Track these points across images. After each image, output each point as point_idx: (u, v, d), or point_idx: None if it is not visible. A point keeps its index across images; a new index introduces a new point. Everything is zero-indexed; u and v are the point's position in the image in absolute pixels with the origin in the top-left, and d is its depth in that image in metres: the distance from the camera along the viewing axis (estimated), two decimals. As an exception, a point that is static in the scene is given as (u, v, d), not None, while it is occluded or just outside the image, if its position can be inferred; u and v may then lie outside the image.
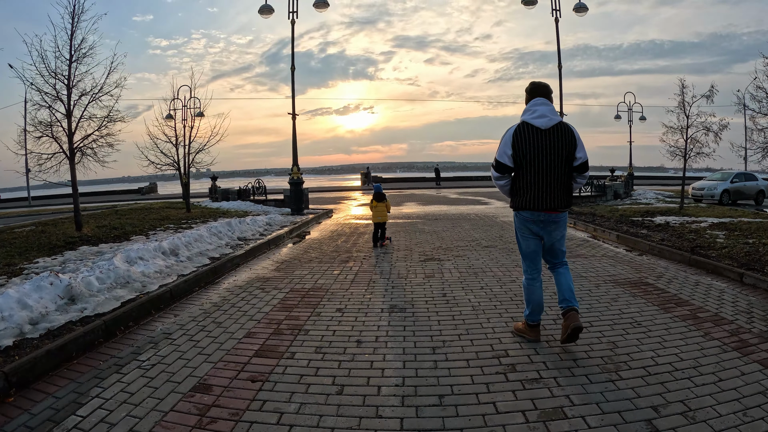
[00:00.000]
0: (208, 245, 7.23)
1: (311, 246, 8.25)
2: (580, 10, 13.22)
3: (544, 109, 3.35)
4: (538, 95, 3.42)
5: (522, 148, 3.29)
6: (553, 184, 3.33)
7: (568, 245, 7.88)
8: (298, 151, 13.26)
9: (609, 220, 10.69)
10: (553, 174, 3.32)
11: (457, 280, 5.51)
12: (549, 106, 3.39)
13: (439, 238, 8.74)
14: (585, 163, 3.39)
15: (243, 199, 16.41)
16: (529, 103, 3.43)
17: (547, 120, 3.30)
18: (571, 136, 3.33)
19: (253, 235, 8.63)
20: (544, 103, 3.38)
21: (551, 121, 3.31)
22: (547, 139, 3.28)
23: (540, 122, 3.29)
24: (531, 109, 3.37)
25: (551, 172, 3.31)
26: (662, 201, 16.70)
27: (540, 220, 3.40)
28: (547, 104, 3.39)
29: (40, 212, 21.87)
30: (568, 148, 3.31)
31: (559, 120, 3.36)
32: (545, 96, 3.43)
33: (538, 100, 3.40)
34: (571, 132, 3.34)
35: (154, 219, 11.35)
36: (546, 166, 3.30)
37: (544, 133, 3.28)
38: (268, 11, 12.43)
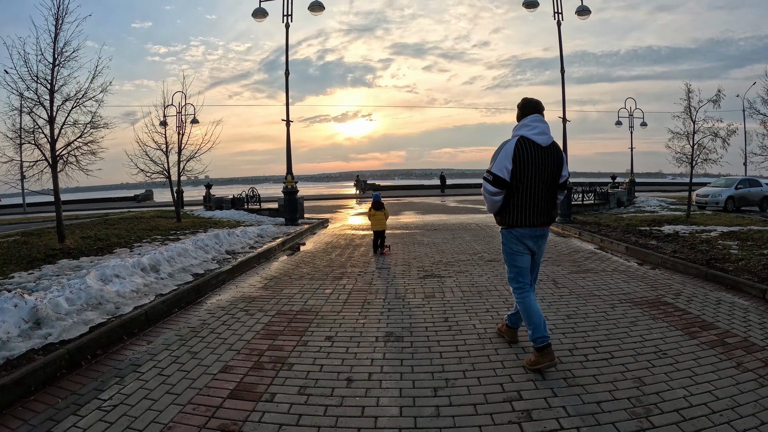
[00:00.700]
0: (193, 260, 6.77)
1: (303, 260, 7.80)
2: (583, 13, 12.84)
3: (544, 126, 3.34)
4: (534, 112, 3.40)
5: (523, 164, 3.24)
6: (547, 200, 3.36)
7: (576, 258, 7.51)
8: (294, 159, 12.86)
9: (616, 230, 10.34)
10: (548, 191, 3.35)
11: (459, 301, 5.05)
12: (546, 124, 3.38)
13: (439, 251, 8.29)
14: (566, 180, 3.47)
15: (237, 208, 15.96)
16: (527, 118, 3.37)
17: (547, 138, 3.32)
18: (561, 155, 3.39)
19: (242, 248, 8.17)
20: (543, 121, 3.37)
21: (549, 139, 3.33)
22: (545, 156, 3.29)
23: (541, 139, 3.28)
24: (531, 125, 3.33)
25: (546, 188, 3.33)
26: (667, 208, 16.34)
27: (536, 235, 3.41)
28: (544, 121, 3.38)
29: (31, 220, 21.38)
30: (559, 164, 3.36)
31: (553, 138, 3.39)
32: (540, 113, 3.41)
33: (536, 117, 3.37)
34: (560, 150, 3.40)
35: (142, 230, 10.90)
36: (542, 183, 3.30)
37: (544, 151, 3.29)
38: (262, 15, 12.03)
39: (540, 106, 3.43)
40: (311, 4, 11.84)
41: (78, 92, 8.39)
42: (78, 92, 8.39)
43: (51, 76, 8.30)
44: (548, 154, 3.29)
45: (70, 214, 25.81)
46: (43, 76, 8.30)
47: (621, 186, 22.64)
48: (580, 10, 12.77)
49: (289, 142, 12.29)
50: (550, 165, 3.30)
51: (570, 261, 7.31)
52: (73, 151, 8.53)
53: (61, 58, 8.36)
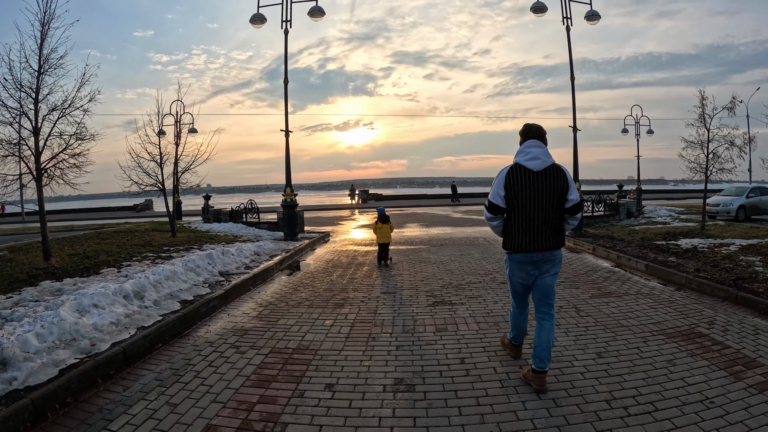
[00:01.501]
0: (182, 284, 6.25)
1: (302, 282, 7.26)
2: (592, 18, 12.37)
3: (537, 151, 3.35)
4: (532, 137, 3.43)
5: (515, 190, 3.30)
6: (545, 225, 3.33)
7: (594, 278, 7.01)
8: (296, 168, 12.41)
9: (631, 245, 9.90)
10: (545, 215, 3.32)
11: (475, 336, 4.52)
12: (542, 149, 3.37)
13: (448, 271, 7.76)
14: (577, 204, 3.38)
15: (235, 220, 15.43)
16: (523, 144, 3.43)
17: (540, 162, 3.31)
18: (563, 178, 3.33)
19: (237, 267, 7.64)
20: (538, 146, 3.38)
21: (544, 164, 3.31)
22: (540, 181, 3.28)
23: (533, 164, 3.30)
24: (524, 150, 3.38)
25: (543, 213, 3.32)
26: (678, 219, 15.87)
27: (535, 260, 3.39)
28: (540, 146, 3.38)
29: (27, 231, 20.90)
30: (560, 190, 3.31)
31: (551, 162, 3.35)
32: (539, 138, 3.42)
33: (531, 142, 3.39)
34: (563, 174, 3.34)
35: (135, 245, 10.41)
36: (538, 208, 3.30)
37: (537, 175, 3.29)
38: (260, 21, 11.56)
39: (538, 132, 3.45)
40: (311, 9, 11.40)
41: (65, 101, 7.92)
42: (65, 101, 7.92)
43: (36, 84, 7.86)
44: (543, 179, 3.29)
45: (66, 224, 25.40)
46: (28, 85, 7.86)
47: (629, 195, 22.14)
48: (590, 15, 12.33)
49: (288, 153, 11.79)
50: (547, 189, 3.29)
51: (589, 282, 6.80)
52: (58, 164, 8.06)
53: (47, 65, 7.91)
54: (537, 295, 3.51)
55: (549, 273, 3.44)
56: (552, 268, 3.44)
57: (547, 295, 3.47)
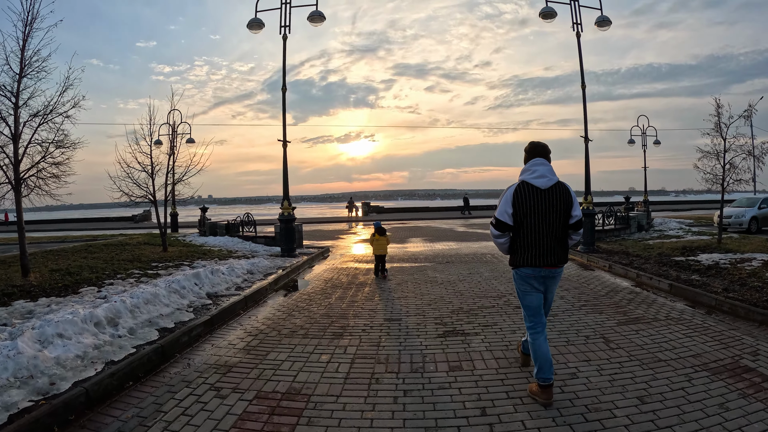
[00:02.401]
0: (164, 308, 5.63)
1: (298, 305, 6.61)
2: (603, 24, 11.86)
3: (543, 169, 3.41)
4: (538, 155, 3.48)
5: (523, 207, 3.35)
6: (552, 241, 3.39)
7: (617, 301, 6.51)
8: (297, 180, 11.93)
9: (649, 261, 9.39)
10: (551, 232, 3.38)
11: (495, 377, 3.88)
12: (548, 166, 3.45)
13: (457, 293, 7.12)
14: (580, 220, 3.47)
15: (231, 234, 14.81)
16: (529, 162, 3.49)
17: (547, 180, 3.37)
18: (567, 196, 3.41)
19: (227, 288, 7.01)
20: (543, 164, 3.44)
21: (550, 181, 3.38)
22: (546, 199, 3.35)
23: (540, 182, 3.36)
24: (531, 168, 3.43)
25: (550, 230, 3.37)
26: (690, 232, 15.30)
27: (541, 275, 3.44)
28: (546, 164, 3.45)
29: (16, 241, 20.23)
30: (565, 206, 3.38)
31: (557, 180, 3.42)
32: (544, 156, 3.49)
33: (537, 161, 3.46)
34: (567, 191, 3.42)
35: (123, 260, 9.80)
36: (545, 225, 3.36)
37: (544, 193, 3.35)
38: (258, 26, 11.02)
39: (544, 150, 3.51)
40: (311, 14, 10.88)
41: (46, 106, 7.37)
42: (46, 106, 7.37)
43: (16, 88, 7.32)
44: (549, 197, 3.35)
45: (62, 234, 24.78)
46: (8, 88, 7.33)
47: (636, 207, 21.51)
48: (600, 20, 11.84)
49: (286, 165, 11.20)
50: (553, 207, 3.35)
51: (612, 306, 6.20)
52: (38, 173, 7.49)
53: (29, 68, 7.38)
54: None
55: (552, 291, 3.58)
56: (554, 285, 3.56)
57: (546, 308, 3.63)
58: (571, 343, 4.68)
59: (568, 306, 6.20)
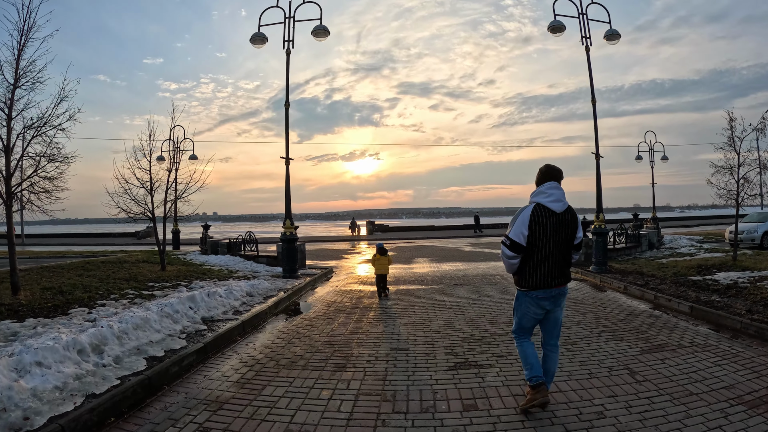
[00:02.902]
0: (154, 334, 5.26)
1: (299, 331, 6.21)
2: (612, 38, 11.60)
3: (558, 193, 3.46)
4: (552, 179, 3.51)
5: (539, 230, 3.37)
6: (562, 262, 3.46)
7: (637, 325, 6.13)
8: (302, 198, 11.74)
9: (665, 282, 9.01)
10: (562, 254, 3.45)
11: (515, 417, 3.46)
12: (561, 190, 3.50)
13: (467, 319, 6.71)
14: (581, 241, 3.60)
15: (233, 253, 14.45)
16: (544, 185, 3.50)
17: (562, 204, 3.43)
18: (575, 219, 3.50)
19: (224, 312, 6.62)
20: (558, 188, 3.49)
21: (564, 206, 3.44)
22: (561, 222, 3.41)
23: (556, 206, 3.41)
24: (546, 192, 3.46)
25: (561, 251, 3.44)
26: (702, 249, 14.84)
27: (552, 296, 3.47)
28: (559, 188, 3.50)
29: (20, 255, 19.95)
30: (574, 229, 3.47)
31: (568, 204, 3.50)
32: (557, 180, 3.53)
33: (552, 184, 3.48)
34: (575, 215, 3.50)
35: (119, 279, 9.47)
36: (557, 247, 3.41)
37: (559, 217, 3.40)
38: (261, 41, 10.81)
39: (558, 174, 3.55)
40: (315, 29, 10.68)
41: (40, 118, 7.12)
42: (40, 118, 7.12)
43: (10, 98, 7.09)
44: (563, 220, 3.42)
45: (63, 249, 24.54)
46: (1, 99, 7.10)
47: (645, 224, 21.09)
48: (609, 34, 11.61)
49: (288, 183, 10.89)
50: (564, 230, 3.42)
51: (632, 331, 5.82)
52: (30, 187, 7.22)
53: (24, 78, 7.16)
54: (547, 328, 3.64)
55: (561, 306, 3.59)
56: (563, 300, 3.58)
57: (556, 327, 3.64)
58: (593, 376, 4.29)
59: (587, 333, 5.80)
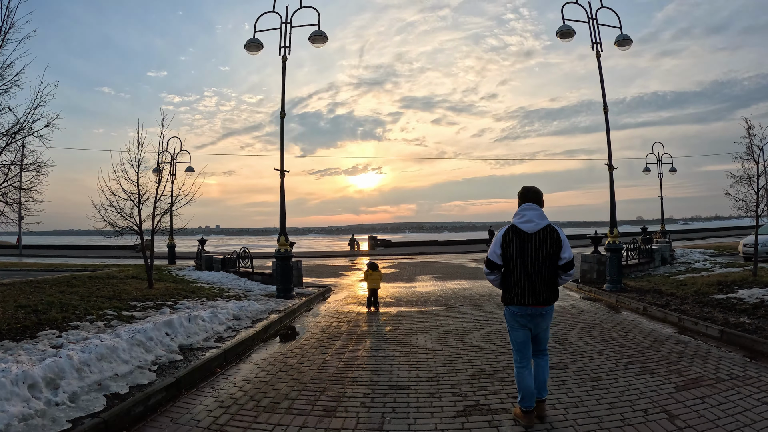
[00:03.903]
0: (122, 366, 4.62)
1: (286, 362, 5.53)
2: (624, 43, 11.08)
3: (531, 214, 3.60)
4: (528, 200, 3.66)
5: (510, 249, 3.56)
6: (539, 282, 3.55)
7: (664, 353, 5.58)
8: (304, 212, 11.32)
9: (686, 301, 8.37)
10: (537, 273, 3.54)
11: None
12: (537, 211, 3.62)
13: (476, 348, 6.02)
14: (569, 262, 3.61)
15: (227, 269, 13.82)
16: (520, 207, 3.68)
17: (534, 225, 3.55)
18: (556, 239, 3.57)
19: (206, 339, 5.97)
20: (533, 209, 3.62)
21: (537, 226, 3.55)
22: (533, 242, 3.53)
23: (526, 227, 3.56)
24: (520, 213, 3.63)
25: (536, 271, 3.54)
26: (717, 263, 14.10)
27: (528, 313, 3.59)
28: (535, 209, 3.62)
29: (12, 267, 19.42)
30: (553, 249, 3.55)
31: (545, 224, 3.58)
32: (535, 201, 3.66)
33: (527, 205, 3.64)
34: (557, 234, 3.57)
35: (102, 297, 8.85)
36: (531, 266, 3.53)
37: (530, 237, 3.54)
38: (256, 47, 10.34)
39: (534, 195, 3.66)
40: (312, 34, 10.19)
41: (15, 124, 6.60)
42: (15, 124, 6.60)
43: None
44: (536, 241, 3.52)
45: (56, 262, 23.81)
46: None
47: (655, 238, 20.40)
48: (620, 40, 11.10)
49: (283, 197, 10.31)
50: (539, 250, 3.52)
51: (661, 362, 5.18)
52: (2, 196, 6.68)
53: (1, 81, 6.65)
54: (533, 345, 3.74)
55: (542, 328, 3.68)
56: (544, 323, 3.66)
57: (540, 342, 3.75)
58: (627, 423, 3.64)
59: (611, 365, 5.14)
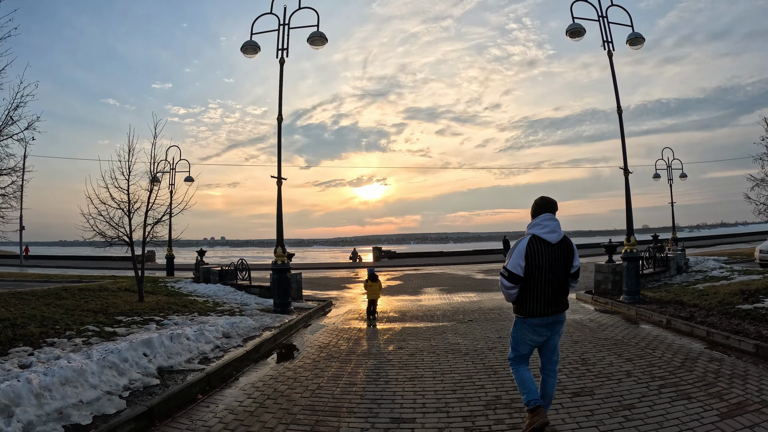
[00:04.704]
0: (89, 391, 4.06)
1: (276, 388, 4.93)
2: (635, 42, 10.61)
3: (553, 224, 3.56)
4: (547, 210, 3.62)
5: (535, 261, 3.46)
6: (558, 291, 3.53)
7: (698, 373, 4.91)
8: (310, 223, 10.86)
9: (712, 313, 7.79)
10: (558, 282, 3.52)
11: None
12: (556, 221, 3.60)
13: (489, 371, 5.40)
14: (579, 269, 3.64)
15: (224, 281, 13.27)
16: (539, 217, 3.60)
17: (557, 235, 3.53)
18: (571, 248, 3.58)
19: (190, 360, 5.38)
20: (553, 219, 3.59)
21: (559, 236, 3.54)
22: (556, 253, 3.50)
23: (551, 237, 3.51)
24: (541, 224, 3.56)
25: (557, 281, 3.51)
26: (734, 271, 13.35)
27: (548, 323, 3.54)
28: (554, 219, 3.60)
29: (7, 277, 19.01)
30: (570, 258, 3.55)
31: (563, 234, 3.59)
32: (552, 211, 3.62)
33: (547, 216, 3.59)
34: (571, 244, 3.59)
35: (87, 311, 8.32)
36: (554, 276, 3.49)
37: (554, 248, 3.50)
38: (253, 50, 9.89)
39: (552, 205, 3.65)
40: (311, 36, 9.74)
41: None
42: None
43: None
44: (558, 250, 3.50)
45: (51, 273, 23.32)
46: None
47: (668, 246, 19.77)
48: (632, 38, 10.63)
49: (281, 206, 9.72)
50: (560, 260, 3.50)
51: (697, 383, 4.59)
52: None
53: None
54: (545, 354, 3.66)
55: (559, 333, 3.64)
56: (561, 327, 3.64)
57: (554, 354, 3.67)
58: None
59: (643, 389, 4.51)
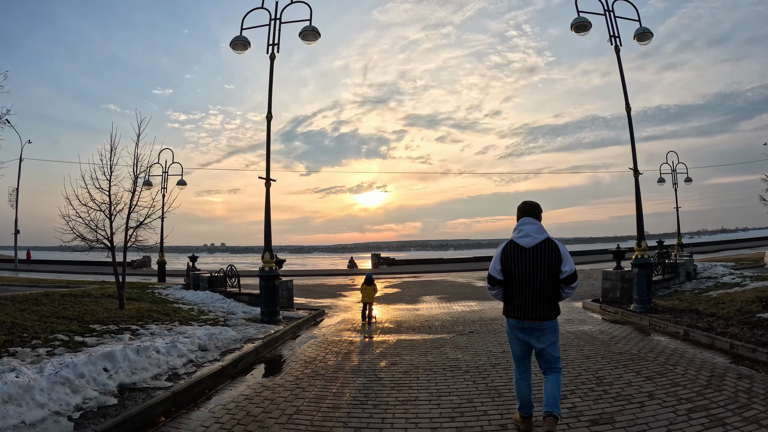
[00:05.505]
0: (34, 410, 3.49)
1: (249, 412, 4.34)
2: (643, 38, 10.20)
3: (529, 228, 3.60)
4: (526, 215, 3.68)
5: (508, 264, 3.57)
6: (537, 296, 3.51)
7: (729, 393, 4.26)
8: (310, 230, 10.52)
9: (731, 323, 7.30)
10: (535, 287, 3.50)
11: None
12: (535, 225, 3.62)
13: (492, 392, 4.81)
14: (571, 275, 3.54)
15: (213, 288, 12.75)
16: (518, 221, 3.70)
17: (531, 239, 3.55)
18: (556, 253, 3.53)
19: (156, 376, 4.80)
20: (531, 223, 3.63)
21: (535, 240, 3.55)
22: (531, 257, 3.52)
23: (524, 241, 3.56)
24: (518, 228, 3.65)
25: (534, 285, 3.50)
26: (745, 277, 12.83)
27: (525, 327, 3.56)
28: (533, 223, 3.63)
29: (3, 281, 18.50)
30: (552, 263, 3.51)
31: (544, 238, 3.56)
32: (533, 215, 3.68)
33: (525, 220, 3.66)
34: (556, 248, 3.53)
35: (62, 318, 7.78)
36: (530, 280, 3.51)
37: (528, 251, 3.53)
38: (243, 46, 9.48)
39: (532, 209, 3.70)
40: (303, 30, 9.30)
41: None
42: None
43: None
44: (534, 255, 3.52)
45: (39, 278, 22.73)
46: None
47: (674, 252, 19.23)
48: (640, 33, 10.21)
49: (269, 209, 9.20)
50: (538, 264, 3.50)
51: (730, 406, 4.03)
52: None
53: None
54: (541, 361, 3.66)
55: (545, 344, 3.57)
56: (545, 338, 3.56)
57: (547, 360, 3.61)
58: None
59: (670, 414, 3.94)
